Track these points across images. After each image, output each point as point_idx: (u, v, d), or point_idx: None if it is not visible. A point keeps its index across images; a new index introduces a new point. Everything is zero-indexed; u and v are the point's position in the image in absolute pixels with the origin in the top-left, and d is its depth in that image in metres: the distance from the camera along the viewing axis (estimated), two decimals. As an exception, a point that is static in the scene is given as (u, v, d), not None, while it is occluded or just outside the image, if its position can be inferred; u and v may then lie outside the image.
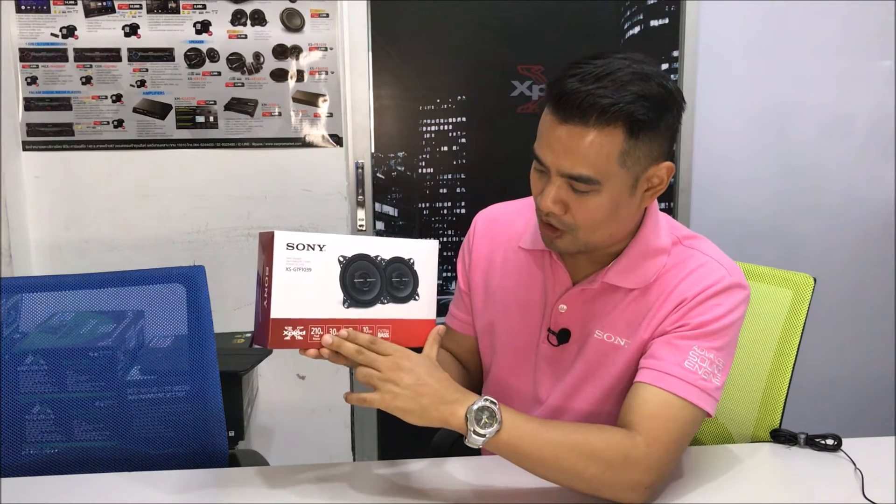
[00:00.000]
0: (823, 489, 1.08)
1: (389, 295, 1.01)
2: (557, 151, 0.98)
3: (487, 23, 2.23)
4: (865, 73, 2.39)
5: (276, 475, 1.13)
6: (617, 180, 0.98)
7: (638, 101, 0.95)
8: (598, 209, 1.00)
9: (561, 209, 1.01)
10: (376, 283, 1.01)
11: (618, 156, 0.97)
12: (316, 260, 0.97)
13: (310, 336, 0.98)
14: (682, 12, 2.27)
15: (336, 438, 2.35)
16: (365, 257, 1.00)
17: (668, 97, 0.98)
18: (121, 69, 2.12)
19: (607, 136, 0.95)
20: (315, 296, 0.97)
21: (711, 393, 1.03)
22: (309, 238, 0.97)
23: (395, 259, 1.01)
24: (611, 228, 1.04)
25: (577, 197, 0.99)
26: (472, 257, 1.25)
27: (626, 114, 0.94)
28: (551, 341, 1.15)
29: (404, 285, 1.02)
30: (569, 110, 0.95)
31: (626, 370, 1.10)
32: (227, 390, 1.35)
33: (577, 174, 0.97)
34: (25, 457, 1.25)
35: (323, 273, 0.97)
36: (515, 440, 0.97)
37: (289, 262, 0.96)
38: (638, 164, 0.99)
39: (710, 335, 1.04)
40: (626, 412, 1.03)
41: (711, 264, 1.08)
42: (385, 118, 2.27)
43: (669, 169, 1.02)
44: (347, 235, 1.01)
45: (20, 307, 1.25)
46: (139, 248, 2.18)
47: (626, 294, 1.10)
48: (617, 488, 0.98)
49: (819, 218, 2.45)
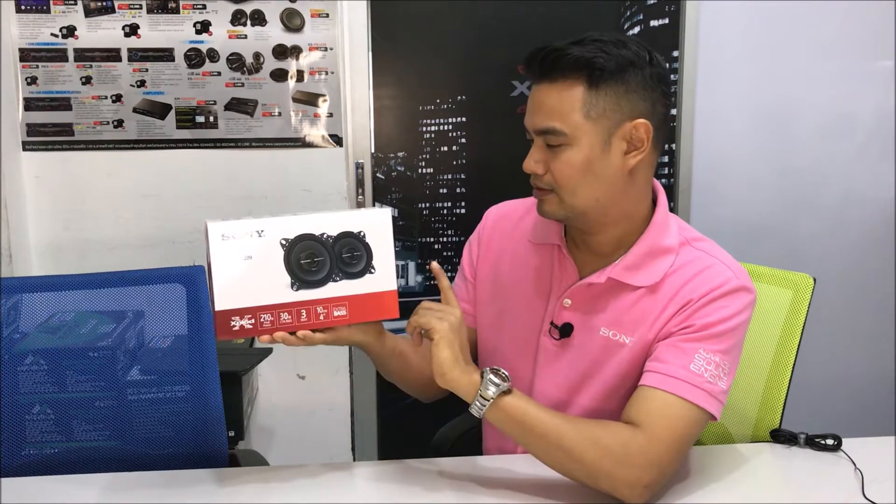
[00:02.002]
0: (823, 489, 1.08)
1: (341, 272, 0.97)
2: (531, 111, 1.06)
3: (487, 23, 2.23)
4: (865, 73, 2.39)
5: (276, 475, 1.13)
6: (587, 134, 1.02)
7: (599, 53, 1.01)
8: (571, 164, 1.03)
9: (542, 168, 1.06)
10: (325, 262, 0.97)
11: (581, 106, 1.01)
12: (256, 246, 0.94)
13: (259, 324, 0.96)
14: (682, 12, 2.26)
15: (336, 438, 2.35)
16: (309, 237, 0.95)
17: (637, 56, 1.03)
18: (121, 69, 2.12)
19: (569, 87, 1.02)
20: (260, 283, 0.95)
21: (717, 396, 1.03)
22: (245, 226, 0.94)
23: (344, 234, 0.96)
24: (593, 190, 1.05)
25: (552, 154, 1.04)
26: (481, 249, 1.26)
27: (586, 62, 1.00)
28: (552, 335, 1.15)
29: (356, 260, 0.97)
30: (537, 69, 1.04)
31: (629, 369, 1.10)
32: (227, 390, 1.35)
33: (545, 127, 1.03)
34: (25, 457, 1.25)
35: (266, 259, 0.95)
36: (522, 406, 0.99)
37: (227, 252, 0.94)
38: (605, 117, 1.02)
39: (716, 337, 1.04)
40: (629, 410, 1.03)
41: (718, 266, 1.08)
42: (385, 118, 2.27)
43: (646, 127, 1.03)
44: (288, 216, 0.96)
45: (20, 307, 1.25)
46: (139, 248, 2.18)
47: (633, 292, 1.10)
48: (615, 481, 0.98)
49: (819, 218, 2.45)
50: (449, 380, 0.99)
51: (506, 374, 1.00)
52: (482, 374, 1.00)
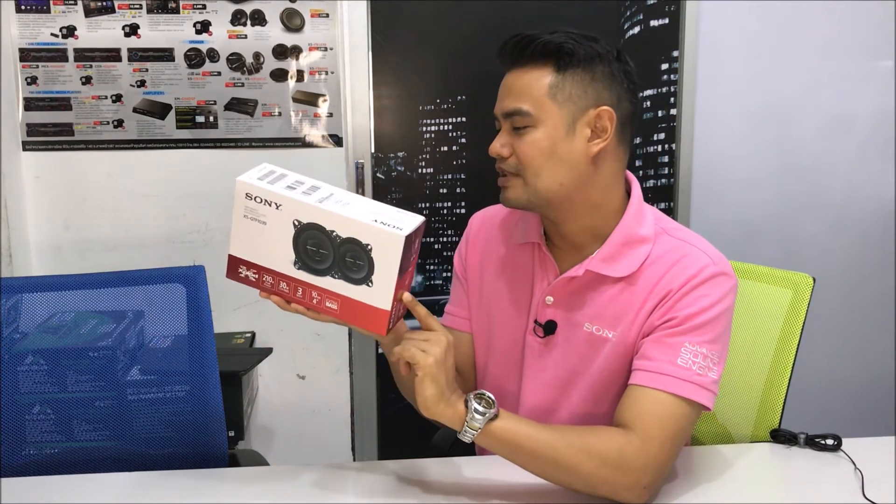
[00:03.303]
0: (823, 489, 1.08)
1: (341, 272, 0.96)
2: (501, 97, 1.10)
3: (487, 23, 2.23)
4: (865, 73, 2.39)
5: (276, 475, 1.13)
6: (551, 116, 1.05)
7: (568, 40, 1.05)
8: (535, 145, 1.06)
9: (507, 151, 1.09)
10: (328, 256, 0.96)
11: (548, 88, 1.05)
12: (272, 216, 0.96)
13: (261, 281, 1.00)
14: (682, 12, 2.26)
15: (336, 438, 2.35)
16: (319, 228, 0.95)
17: (606, 51, 1.07)
18: (121, 69, 2.12)
19: (538, 70, 1.06)
20: (269, 248, 0.97)
21: (708, 387, 1.02)
22: (268, 193, 0.95)
23: (351, 240, 0.94)
24: (556, 174, 1.06)
25: (518, 137, 1.08)
26: (468, 255, 1.27)
27: (555, 47, 1.04)
28: (537, 333, 1.15)
29: (358, 268, 0.96)
30: (508, 56, 1.08)
31: (615, 365, 1.10)
32: (227, 390, 1.35)
33: (512, 108, 1.07)
34: (25, 457, 1.25)
35: (277, 230, 0.96)
36: (511, 429, 0.98)
37: (246, 210, 0.97)
38: (571, 101, 1.05)
39: (700, 328, 1.04)
40: (620, 412, 1.03)
41: (696, 254, 1.08)
42: (385, 118, 2.27)
43: (609, 114, 1.06)
44: (312, 200, 0.95)
45: (20, 307, 1.25)
46: (139, 248, 2.18)
47: (613, 285, 1.10)
48: (614, 486, 0.98)
49: (819, 218, 2.45)
50: (434, 413, 0.98)
51: (491, 398, 0.99)
52: (466, 404, 0.98)
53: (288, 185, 0.98)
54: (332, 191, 0.99)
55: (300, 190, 0.97)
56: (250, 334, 2.22)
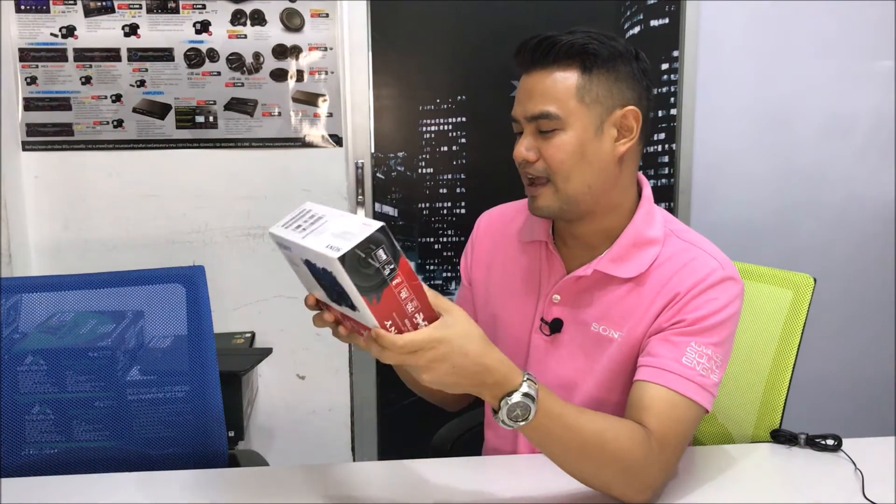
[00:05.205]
0: (823, 489, 1.08)
1: (340, 299, 0.88)
2: (523, 100, 1.06)
3: (487, 23, 2.23)
4: (865, 73, 2.39)
5: (276, 475, 1.13)
6: (580, 118, 1.03)
7: (591, 41, 1.03)
8: (564, 148, 1.04)
9: (534, 155, 1.06)
10: (323, 286, 0.90)
11: (575, 90, 1.03)
12: (295, 259, 0.92)
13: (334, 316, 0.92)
14: (682, 12, 2.26)
15: (336, 438, 2.35)
16: (308, 263, 0.88)
17: (626, 49, 1.06)
18: (120, 69, 2.12)
19: (564, 72, 1.04)
20: (313, 287, 0.93)
21: (709, 388, 1.03)
22: (280, 239, 0.91)
23: (323, 269, 0.86)
24: (586, 176, 1.05)
25: (545, 140, 1.05)
26: (474, 256, 1.27)
27: (580, 49, 1.03)
28: (543, 331, 1.15)
29: (343, 296, 0.87)
30: (528, 57, 1.05)
31: (620, 366, 1.10)
32: (227, 390, 1.35)
33: (539, 112, 1.04)
34: (25, 457, 1.25)
35: (302, 269, 0.92)
36: (545, 425, 0.91)
37: (285, 257, 0.95)
38: (598, 103, 1.04)
39: (708, 330, 1.04)
40: (636, 410, 1.02)
41: (704, 257, 1.08)
42: (385, 118, 2.27)
43: (635, 114, 1.06)
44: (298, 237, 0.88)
45: (20, 307, 1.25)
46: (139, 248, 2.18)
47: (621, 285, 1.10)
48: (628, 489, 0.97)
49: (819, 218, 2.45)
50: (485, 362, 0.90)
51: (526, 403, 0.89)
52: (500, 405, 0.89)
53: (299, 223, 0.91)
54: (323, 214, 0.91)
55: (304, 226, 0.90)
56: (250, 334, 2.22)
